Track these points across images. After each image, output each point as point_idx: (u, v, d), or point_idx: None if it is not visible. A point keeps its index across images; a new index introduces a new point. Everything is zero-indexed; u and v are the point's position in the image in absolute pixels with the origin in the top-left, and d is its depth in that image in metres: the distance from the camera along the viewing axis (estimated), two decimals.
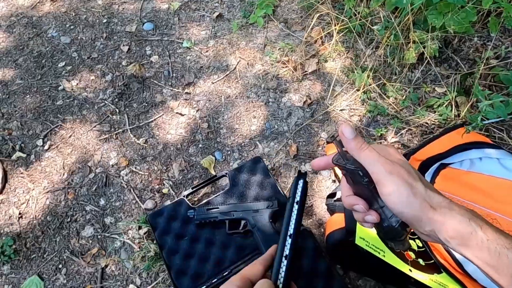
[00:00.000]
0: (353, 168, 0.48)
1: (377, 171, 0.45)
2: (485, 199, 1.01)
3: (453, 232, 0.43)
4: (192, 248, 1.09)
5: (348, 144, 0.48)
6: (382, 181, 0.45)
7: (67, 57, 1.70)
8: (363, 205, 0.50)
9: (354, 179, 0.50)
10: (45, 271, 1.14)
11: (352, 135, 0.48)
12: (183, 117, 1.45)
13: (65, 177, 1.32)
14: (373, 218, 0.49)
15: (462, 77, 1.35)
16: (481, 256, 0.42)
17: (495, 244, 0.41)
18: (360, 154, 0.47)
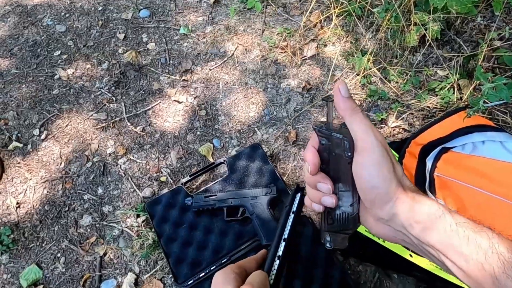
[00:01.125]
0: (341, 137, 0.44)
1: (367, 138, 0.42)
2: (487, 183, 0.99)
3: (421, 215, 0.40)
4: (190, 235, 1.08)
5: (342, 103, 0.43)
6: (369, 149, 0.42)
7: (62, 45, 1.67)
8: (330, 185, 0.46)
9: (334, 152, 0.45)
10: (43, 260, 1.14)
11: (347, 94, 0.43)
12: (180, 105, 1.43)
13: (63, 166, 1.31)
14: (332, 201, 0.46)
15: (465, 60, 1.31)
16: (448, 242, 0.39)
17: (463, 228, 0.39)
18: (354, 116, 0.42)
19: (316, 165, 0.46)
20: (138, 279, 1.07)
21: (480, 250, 0.37)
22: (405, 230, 0.42)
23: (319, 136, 0.46)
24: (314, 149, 0.46)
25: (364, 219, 0.47)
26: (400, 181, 0.42)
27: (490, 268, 0.37)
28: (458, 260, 0.38)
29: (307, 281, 0.96)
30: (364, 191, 0.43)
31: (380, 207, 0.42)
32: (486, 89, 1.09)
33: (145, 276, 1.07)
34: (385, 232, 0.44)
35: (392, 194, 0.41)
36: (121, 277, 1.08)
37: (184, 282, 1.01)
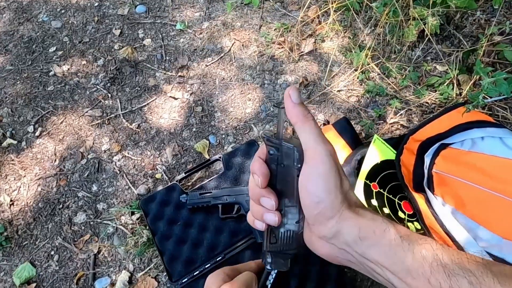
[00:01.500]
0: (291, 146, 0.41)
1: (317, 148, 0.40)
2: (487, 180, 0.97)
3: (365, 231, 0.38)
4: (185, 233, 1.07)
5: (292, 110, 0.41)
6: (317, 160, 0.39)
7: (58, 41, 1.66)
8: (274, 201, 0.43)
9: (282, 163, 0.42)
10: (37, 258, 1.12)
11: (298, 100, 0.41)
12: (176, 101, 1.41)
13: (57, 163, 1.30)
14: (275, 219, 0.43)
15: (465, 55, 1.29)
16: (394, 257, 0.37)
17: (407, 241, 0.37)
18: (305, 124, 0.40)
19: (266, 176, 0.43)
20: (132, 277, 1.06)
21: (425, 264, 0.36)
22: (349, 248, 0.40)
23: (268, 146, 0.43)
24: (262, 160, 0.43)
25: (307, 237, 0.44)
26: (346, 196, 0.40)
27: (436, 282, 0.35)
28: (403, 276, 0.37)
29: (302, 279, 0.94)
30: (308, 204, 0.41)
31: (324, 224, 0.40)
32: (486, 84, 1.07)
33: (139, 274, 1.06)
34: (327, 251, 0.42)
35: (336, 209, 0.39)
36: (115, 275, 1.07)
37: (178, 280, 0.99)
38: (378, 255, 0.38)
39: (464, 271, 0.35)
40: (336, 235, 0.40)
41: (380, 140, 1.09)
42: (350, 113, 1.29)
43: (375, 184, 1.03)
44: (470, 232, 0.93)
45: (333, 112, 1.30)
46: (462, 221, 0.95)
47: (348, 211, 0.39)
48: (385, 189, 1.03)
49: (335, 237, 0.40)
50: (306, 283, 0.94)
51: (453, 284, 0.34)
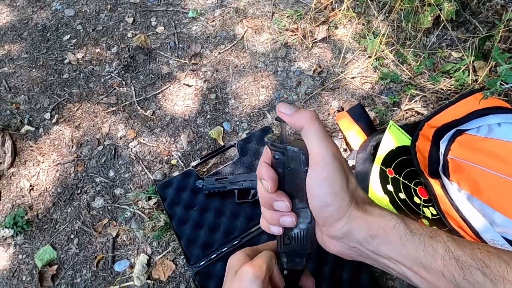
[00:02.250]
0: (297, 150, 0.41)
1: (321, 151, 0.39)
2: (503, 166, 0.97)
3: (376, 229, 0.38)
4: (201, 217, 1.09)
5: (292, 120, 0.40)
6: (321, 163, 0.39)
7: (71, 30, 1.67)
8: (289, 202, 0.43)
9: (289, 166, 0.42)
10: (57, 241, 1.15)
11: (291, 110, 0.41)
12: (190, 88, 1.42)
13: (74, 149, 1.32)
14: (292, 220, 0.43)
15: (481, 41, 1.28)
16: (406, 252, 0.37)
17: (418, 235, 0.37)
18: (309, 127, 0.40)
19: (275, 181, 0.43)
20: (150, 260, 1.09)
21: (437, 257, 0.36)
22: (360, 246, 0.40)
23: (273, 151, 0.43)
24: (268, 165, 0.43)
25: (318, 237, 0.45)
26: (353, 195, 0.40)
27: (450, 275, 0.35)
28: (418, 269, 0.37)
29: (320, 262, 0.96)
30: (316, 208, 0.41)
31: (333, 225, 0.40)
32: (504, 70, 1.07)
33: (157, 257, 1.09)
34: (339, 249, 0.43)
35: (344, 211, 0.39)
36: (133, 258, 1.09)
37: (196, 263, 1.01)
38: (390, 251, 0.38)
39: (477, 263, 0.35)
40: (346, 235, 0.40)
41: (396, 127, 1.09)
42: (364, 99, 1.29)
43: (390, 169, 1.03)
44: (486, 218, 0.94)
45: (347, 99, 1.30)
46: (478, 206, 0.95)
47: (356, 211, 0.39)
48: (400, 175, 1.04)
49: (346, 237, 0.40)
50: (323, 267, 0.96)
51: (467, 276, 0.35)
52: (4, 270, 1.12)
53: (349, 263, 0.95)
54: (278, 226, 0.44)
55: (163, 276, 1.05)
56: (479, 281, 0.34)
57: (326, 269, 0.95)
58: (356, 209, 0.39)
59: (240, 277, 0.44)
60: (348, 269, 0.94)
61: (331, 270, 0.95)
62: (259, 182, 0.44)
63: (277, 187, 0.43)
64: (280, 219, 0.43)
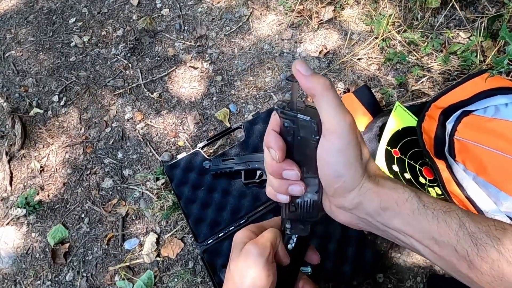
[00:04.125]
0: (308, 119, 0.39)
1: (335, 120, 0.37)
2: (509, 146, 0.97)
3: (387, 201, 0.38)
4: (209, 197, 1.11)
5: (307, 82, 0.37)
6: (336, 133, 0.37)
7: (77, 13, 1.67)
8: (299, 171, 0.41)
9: (299, 135, 0.41)
10: (68, 220, 1.18)
11: (309, 71, 0.37)
12: (196, 71, 1.43)
13: (83, 131, 1.34)
14: (301, 189, 0.42)
15: (489, 21, 1.26)
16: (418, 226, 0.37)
17: (431, 210, 0.37)
18: (323, 95, 0.37)
19: (283, 150, 0.41)
20: (159, 238, 1.11)
21: (451, 232, 0.35)
22: (370, 218, 0.40)
23: (283, 118, 0.40)
24: (277, 133, 0.42)
25: (326, 206, 0.44)
26: (367, 167, 0.40)
27: (463, 251, 0.35)
28: (429, 243, 0.37)
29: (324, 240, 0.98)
30: (328, 178, 0.40)
31: (344, 196, 0.40)
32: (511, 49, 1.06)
33: (166, 236, 1.11)
34: (348, 219, 0.42)
35: (357, 182, 0.39)
36: (143, 237, 1.12)
37: (204, 241, 1.04)
38: (401, 224, 0.38)
39: (492, 240, 0.34)
40: (357, 206, 0.40)
41: (402, 107, 1.10)
42: (370, 81, 1.29)
43: (396, 150, 1.04)
44: (492, 198, 0.94)
45: (353, 80, 1.30)
46: (484, 187, 0.96)
47: (369, 182, 0.39)
48: (406, 155, 1.05)
49: (356, 208, 0.40)
50: (327, 244, 0.98)
51: (481, 253, 0.34)
52: (18, 248, 1.16)
53: (354, 240, 0.97)
54: (285, 195, 0.44)
55: (172, 253, 1.08)
56: (494, 258, 0.34)
57: (330, 246, 0.97)
58: (369, 180, 0.39)
59: (245, 255, 0.44)
60: (352, 246, 0.96)
61: (336, 247, 0.96)
62: (266, 150, 0.43)
63: (285, 156, 0.42)
64: (289, 188, 0.43)
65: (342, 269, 0.94)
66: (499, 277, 0.34)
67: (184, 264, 1.07)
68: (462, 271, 0.36)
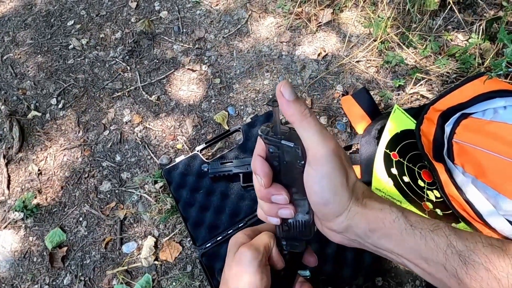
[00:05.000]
0: (292, 145, 0.39)
1: (318, 148, 0.37)
2: (508, 149, 0.97)
3: (375, 223, 0.38)
4: (207, 200, 1.10)
5: (287, 109, 0.37)
6: (321, 160, 0.38)
7: (75, 15, 1.66)
8: (287, 195, 0.42)
9: (284, 160, 0.41)
10: (66, 223, 1.18)
11: (292, 96, 0.37)
12: (194, 73, 1.42)
13: (81, 134, 1.34)
14: (291, 212, 0.43)
15: (488, 23, 1.26)
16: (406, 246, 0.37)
17: (419, 229, 0.37)
18: (303, 121, 0.37)
19: (269, 176, 0.42)
20: (157, 242, 1.11)
21: (439, 251, 0.36)
22: (360, 239, 0.40)
23: (267, 144, 0.41)
24: (263, 159, 0.42)
25: (318, 227, 0.45)
26: (353, 190, 0.40)
27: (452, 269, 0.35)
28: (419, 262, 0.37)
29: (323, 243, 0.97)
30: (316, 204, 0.41)
31: (333, 220, 0.40)
32: (510, 51, 1.06)
33: (164, 239, 1.11)
34: (340, 240, 0.43)
35: (344, 207, 0.39)
36: (141, 240, 1.12)
37: (202, 245, 1.03)
38: (390, 244, 0.38)
39: (480, 257, 0.35)
40: (346, 229, 0.40)
41: (400, 110, 1.09)
42: (369, 83, 1.28)
43: (395, 153, 1.04)
44: (490, 200, 0.94)
45: (352, 83, 1.29)
46: (483, 189, 0.96)
47: (356, 206, 0.39)
48: (405, 158, 1.04)
49: (346, 231, 0.41)
50: (326, 248, 0.97)
51: (470, 271, 0.35)
52: (16, 251, 1.15)
53: None
54: (276, 218, 0.45)
55: (170, 257, 1.07)
56: (483, 276, 0.34)
57: (329, 250, 0.96)
58: (356, 204, 0.40)
59: (238, 258, 0.45)
60: (351, 249, 0.96)
61: (334, 251, 0.96)
62: (254, 176, 0.43)
63: (271, 181, 0.42)
64: (278, 212, 0.44)
65: (341, 273, 0.94)
66: None
67: (183, 267, 1.07)
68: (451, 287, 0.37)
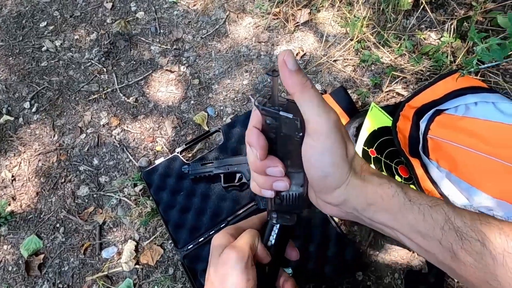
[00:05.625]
0: (291, 116, 0.37)
1: (320, 120, 0.36)
2: (479, 143, 1.01)
3: (373, 198, 0.38)
4: (188, 202, 1.09)
5: (289, 78, 0.36)
6: (322, 133, 0.36)
7: (48, 16, 1.62)
8: (282, 168, 0.40)
9: (281, 132, 0.39)
10: (43, 230, 1.14)
11: (295, 66, 0.36)
12: (173, 74, 1.41)
13: (56, 138, 1.30)
14: (286, 185, 0.42)
15: (459, 22, 1.31)
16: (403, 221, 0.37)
17: (418, 205, 0.37)
18: (304, 93, 0.36)
19: (265, 148, 0.40)
20: (138, 245, 1.09)
21: (436, 226, 0.36)
22: (357, 212, 0.40)
23: (264, 115, 0.39)
24: (258, 131, 0.40)
25: (313, 200, 0.45)
26: (352, 164, 0.39)
27: (448, 244, 0.36)
28: (414, 237, 0.37)
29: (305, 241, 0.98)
30: (314, 177, 0.40)
31: (330, 193, 0.40)
32: (480, 49, 1.09)
33: (145, 243, 1.09)
34: (335, 213, 0.43)
35: (343, 180, 0.38)
36: (121, 244, 1.10)
37: (184, 247, 1.03)
38: (387, 219, 0.38)
39: (477, 234, 0.35)
40: (344, 202, 0.40)
41: (377, 108, 1.12)
42: (346, 82, 1.30)
43: (373, 150, 1.06)
44: (464, 193, 0.97)
45: (330, 82, 1.31)
46: (456, 183, 0.99)
47: (355, 179, 0.39)
48: (382, 155, 1.07)
49: (343, 204, 0.40)
50: (309, 246, 0.98)
51: (466, 246, 0.35)
52: None
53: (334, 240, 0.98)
54: (270, 190, 0.43)
55: (151, 260, 1.06)
56: (477, 251, 0.34)
57: (311, 247, 0.97)
58: (355, 177, 0.39)
59: (224, 261, 0.44)
60: (333, 246, 0.97)
61: (316, 248, 0.97)
62: (248, 148, 0.42)
63: (267, 153, 0.41)
64: (273, 184, 0.42)
65: (323, 270, 0.95)
66: (483, 269, 0.35)
67: (164, 270, 1.05)
68: (445, 262, 0.37)
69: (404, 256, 0.99)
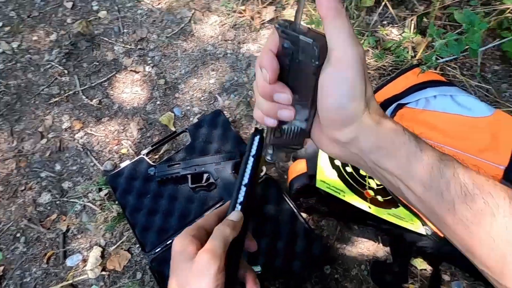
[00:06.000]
0: (311, 42, 0.35)
1: (347, 49, 0.35)
2: (438, 135, 1.04)
3: (384, 141, 0.37)
4: (155, 204, 1.07)
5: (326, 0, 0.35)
6: (346, 63, 0.35)
7: (4, 16, 1.55)
8: (290, 95, 0.39)
9: (297, 58, 0.38)
10: (2, 241, 1.09)
11: None
12: (137, 75, 1.38)
13: (15, 144, 1.25)
14: (291, 114, 0.40)
15: (419, 18, 1.34)
16: (409, 169, 0.36)
17: (427, 156, 0.36)
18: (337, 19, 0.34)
19: (276, 71, 0.38)
20: (104, 251, 1.06)
21: (442, 179, 0.35)
22: (362, 154, 0.39)
23: (283, 38, 0.37)
24: (273, 53, 0.39)
25: (316, 136, 0.43)
26: (369, 103, 0.38)
27: (449, 197, 0.35)
28: (415, 186, 0.37)
29: (273, 239, 0.98)
30: (328, 109, 0.38)
31: (340, 129, 0.38)
32: (439, 45, 1.13)
33: (111, 248, 1.06)
34: (337, 152, 0.42)
35: (357, 116, 0.37)
36: (86, 251, 1.06)
37: (151, 250, 1.01)
38: (393, 165, 0.37)
39: (481, 191, 0.34)
40: (352, 141, 0.38)
41: None
42: None
43: None
44: None
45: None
46: None
47: (369, 119, 0.37)
48: None
49: (350, 143, 0.39)
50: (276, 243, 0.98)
51: (467, 201, 0.34)
52: None
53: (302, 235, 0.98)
54: (273, 119, 0.42)
55: (118, 266, 1.03)
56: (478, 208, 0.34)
57: (279, 245, 0.98)
58: (369, 117, 0.37)
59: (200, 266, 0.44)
60: (301, 241, 0.98)
61: (284, 244, 0.97)
62: (258, 70, 0.40)
63: (277, 78, 0.39)
64: (278, 112, 0.41)
65: (291, 266, 0.95)
66: (478, 224, 0.34)
67: (132, 275, 1.03)
68: (439, 212, 0.36)
69: (370, 248, 1.01)
